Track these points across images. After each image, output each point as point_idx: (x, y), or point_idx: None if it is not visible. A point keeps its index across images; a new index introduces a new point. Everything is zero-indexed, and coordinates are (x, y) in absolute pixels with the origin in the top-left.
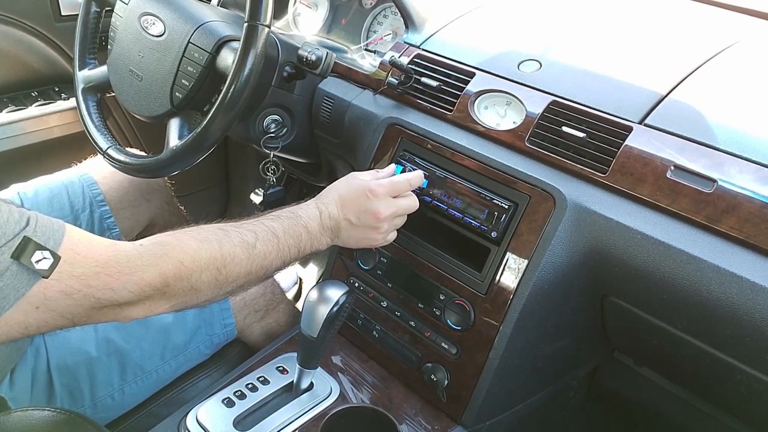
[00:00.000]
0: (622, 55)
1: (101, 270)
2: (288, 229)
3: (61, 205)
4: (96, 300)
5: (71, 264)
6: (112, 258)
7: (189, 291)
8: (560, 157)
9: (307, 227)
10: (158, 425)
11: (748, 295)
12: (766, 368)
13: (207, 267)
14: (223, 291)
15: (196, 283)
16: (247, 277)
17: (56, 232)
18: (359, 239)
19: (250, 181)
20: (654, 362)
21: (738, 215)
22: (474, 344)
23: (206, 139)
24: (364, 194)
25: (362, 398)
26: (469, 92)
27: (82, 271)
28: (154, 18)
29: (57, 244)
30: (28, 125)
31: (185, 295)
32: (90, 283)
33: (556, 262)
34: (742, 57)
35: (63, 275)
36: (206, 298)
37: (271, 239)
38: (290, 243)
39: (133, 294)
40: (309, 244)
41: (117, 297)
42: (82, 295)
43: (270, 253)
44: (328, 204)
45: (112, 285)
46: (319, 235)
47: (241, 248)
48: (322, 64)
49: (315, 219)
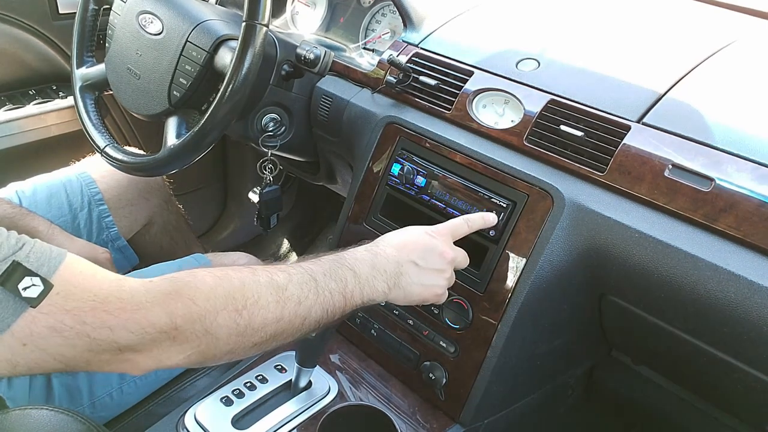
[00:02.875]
0: (620, 54)
1: (99, 305)
2: (329, 271)
3: (60, 204)
4: (91, 340)
5: (64, 296)
6: (114, 293)
7: (204, 336)
8: (558, 155)
9: (354, 269)
10: (157, 424)
11: (745, 294)
12: (763, 366)
13: (224, 307)
14: (249, 341)
15: (211, 326)
16: (276, 324)
17: (52, 260)
18: (425, 287)
19: (248, 179)
20: (652, 361)
21: (736, 214)
22: (472, 343)
23: (204, 138)
24: (425, 234)
25: (360, 397)
26: (468, 91)
27: (76, 305)
28: (152, 16)
29: (50, 272)
30: (25, 124)
31: (200, 342)
32: (84, 320)
33: (554, 261)
34: (740, 56)
35: (54, 308)
36: (228, 349)
37: (307, 282)
38: (332, 288)
39: (134, 335)
40: (359, 290)
41: (115, 338)
42: (74, 333)
43: (306, 298)
44: (384, 246)
45: (109, 323)
46: (371, 280)
47: (268, 289)
48: (320, 63)
49: (365, 261)
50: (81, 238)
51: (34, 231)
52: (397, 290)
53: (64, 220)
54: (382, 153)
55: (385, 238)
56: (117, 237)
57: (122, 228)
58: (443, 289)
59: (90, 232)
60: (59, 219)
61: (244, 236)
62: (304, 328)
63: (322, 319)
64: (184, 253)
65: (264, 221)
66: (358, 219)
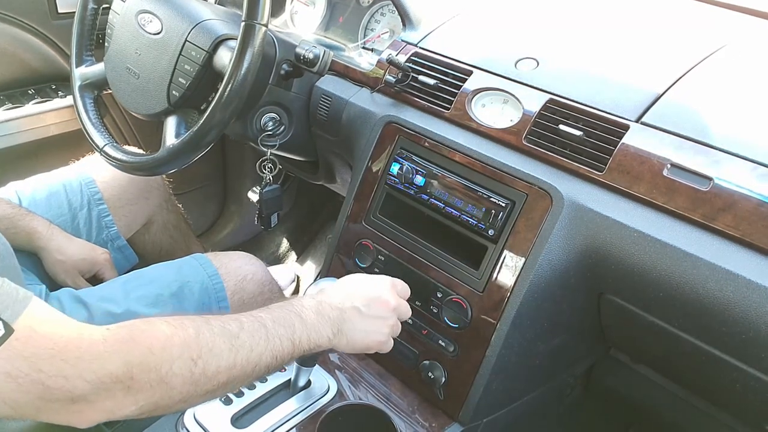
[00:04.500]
0: (619, 54)
1: (57, 354)
2: (278, 318)
3: (59, 204)
4: (45, 388)
5: (24, 342)
6: (74, 341)
7: (158, 385)
8: (557, 155)
9: (301, 316)
10: (156, 423)
11: (744, 293)
12: (761, 366)
13: (179, 356)
14: (201, 389)
15: (166, 375)
16: (229, 372)
17: (18, 303)
18: (367, 333)
19: (247, 179)
20: (650, 360)
21: (734, 213)
22: (471, 342)
23: (203, 138)
24: (372, 282)
25: (360, 396)
26: (467, 90)
27: (34, 351)
28: (152, 16)
29: (14, 316)
30: (25, 123)
31: (154, 392)
32: (41, 368)
33: (552, 260)
34: (738, 56)
35: (11, 354)
36: (180, 398)
37: (258, 329)
38: (281, 333)
39: (90, 385)
40: (306, 336)
41: (70, 387)
42: (29, 381)
43: (257, 345)
44: (330, 294)
45: (65, 372)
46: (317, 326)
47: (222, 338)
48: (319, 62)
49: (311, 308)
50: (80, 237)
51: (33, 231)
52: (341, 336)
53: (63, 219)
54: (382, 152)
55: (330, 287)
56: (116, 236)
57: (122, 227)
58: (387, 337)
59: (89, 231)
60: (59, 218)
61: (244, 235)
62: (254, 374)
63: (270, 366)
64: (184, 252)
65: (265, 220)
66: (357, 218)
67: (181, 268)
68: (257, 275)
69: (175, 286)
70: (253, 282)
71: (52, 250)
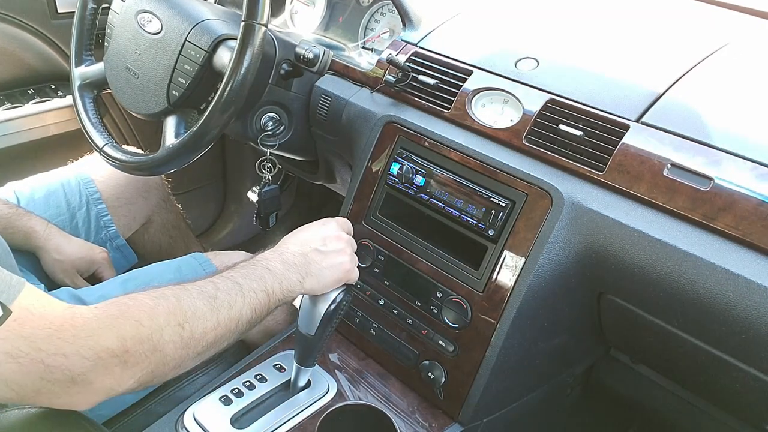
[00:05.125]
0: (619, 53)
1: (54, 333)
2: (248, 274)
3: (58, 203)
4: (45, 368)
5: (21, 323)
6: (68, 320)
7: (152, 354)
8: (557, 155)
9: (268, 267)
10: (156, 423)
11: (744, 293)
12: (761, 365)
13: (167, 323)
14: (192, 351)
15: (158, 343)
16: (215, 330)
17: (12, 288)
18: (332, 267)
19: (247, 179)
20: (650, 359)
21: (734, 213)
22: (471, 342)
23: (203, 138)
24: (317, 224)
25: (359, 396)
26: (467, 90)
27: (32, 331)
28: (151, 15)
29: (10, 299)
30: (24, 123)
31: (149, 362)
32: (40, 346)
33: (552, 260)
34: (738, 55)
35: (10, 334)
36: (174, 363)
37: (232, 287)
38: (254, 287)
39: (88, 362)
40: (278, 285)
41: (69, 365)
42: (29, 360)
43: (235, 302)
44: (287, 244)
45: (64, 350)
46: (286, 273)
47: (201, 300)
48: (319, 62)
49: (275, 259)
50: (79, 237)
51: (31, 231)
52: (311, 278)
53: (62, 219)
54: (381, 152)
55: (285, 240)
56: (115, 236)
57: (121, 227)
58: (351, 265)
59: (88, 231)
60: (57, 218)
61: (243, 235)
62: (238, 330)
63: (252, 319)
64: (183, 251)
65: (263, 220)
66: (357, 218)
67: (179, 267)
68: None
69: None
70: None
71: (50, 250)
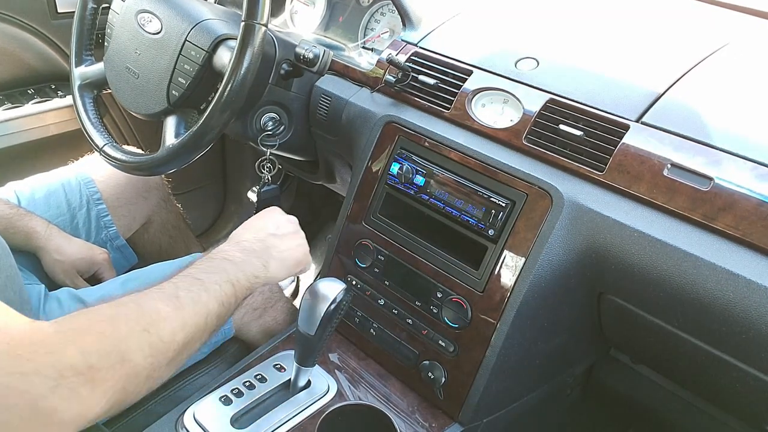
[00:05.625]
0: (619, 53)
1: (11, 349)
2: (208, 268)
3: (58, 203)
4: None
5: None
6: (27, 336)
7: (121, 366)
8: (557, 155)
9: (228, 258)
10: (156, 423)
11: (744, 293)
12: (761, 365)
13: (131, 330)
14: (164, 357)
15: (125, 353)
16: (183, 330)
17: None
18: (291, 250)
19: (247, 179)
20: (650, 359)
21: (734, 213)
22: (471, 342)
23: (203, 138)
24: (264, 213)
25: (359, 396)
26: (467, 90)
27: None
28: (151, 15)
29: None
30: (24, 123)
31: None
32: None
33: (552, 260)
34: (738, 55)
35: None
36: (147, 373)
37: (193, 283)
38: (217, 279)
39: (50, 380)
40: (241, 274)
41: (29, 386)
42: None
43: (199, 297)
44: (242, 234)
45: (23, 367)
46: (247, 261)
47: (162, 302)
48: (319, 62)
49: (233, 250)
50: (80, 237)
51: (32, 231)
52: (274, 262)
53: (62, 219)
54: (381, 152)
55: (237, 231)
56: (115, 236)
57: (121, 227)
58: (306, 247)
59: (89, 231)
60: (57, 218)
61: None
62: (208, 326)
63: (221, 313)
64: (183, 252)
65: None
66: (357, 218)
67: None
68: None
69: None
70: None
71: (50, 250)
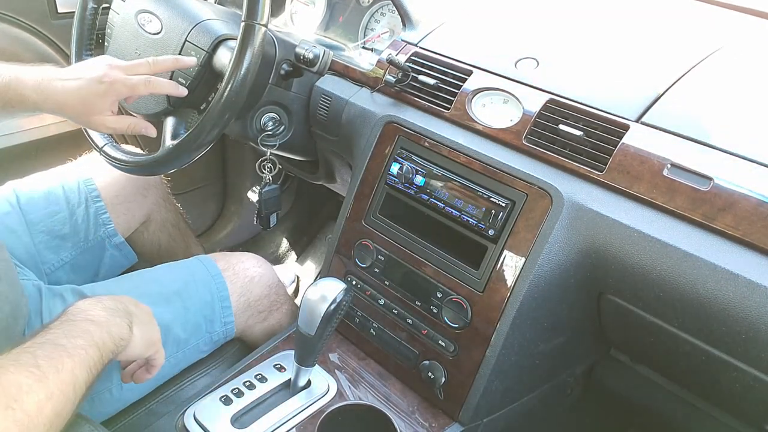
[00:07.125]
0: (619, 54)
1: None
2: (69, 331)
3: (57, 201)
4: None
5: None
6: None
7: None
8: (557, 155)
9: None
10: (156, 422)
11: (743, 293)
12: (761, 365)
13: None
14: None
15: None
16: (50, 401)
17: None
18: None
19: (247, 179)
20: (650, 360)
21: (734, 213)
22: (471, 342)
23: (203, 138)
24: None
25: (359, 396)
26: (467, 90)
27: None
28: (151, 16)
29: None
30: (24, 122)
31: None
32: None
33: (552, 260)
34: (738, 56)
35: None
36: None
37: (55, 349)
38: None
39: None
40: (106, 334)
41: None
42: None
43: (63, 365)
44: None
45: None
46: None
47: (21, 374)
48: (319, 62)
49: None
50: (79, 234)
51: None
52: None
53: (61, 216)
54: (381, 152)
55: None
56: (114, 234)
57: (120, 225)
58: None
59: (87, 229)
60: (56, 215)
61: (244, 235)
62: (77, 394)
63: (88, 379)
64: (183, 251)
65: (264, 220)
66: (357, 218)
67: (185, 268)
68: (265, 277)
69: (178, 285)
70: (260, 284)
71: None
